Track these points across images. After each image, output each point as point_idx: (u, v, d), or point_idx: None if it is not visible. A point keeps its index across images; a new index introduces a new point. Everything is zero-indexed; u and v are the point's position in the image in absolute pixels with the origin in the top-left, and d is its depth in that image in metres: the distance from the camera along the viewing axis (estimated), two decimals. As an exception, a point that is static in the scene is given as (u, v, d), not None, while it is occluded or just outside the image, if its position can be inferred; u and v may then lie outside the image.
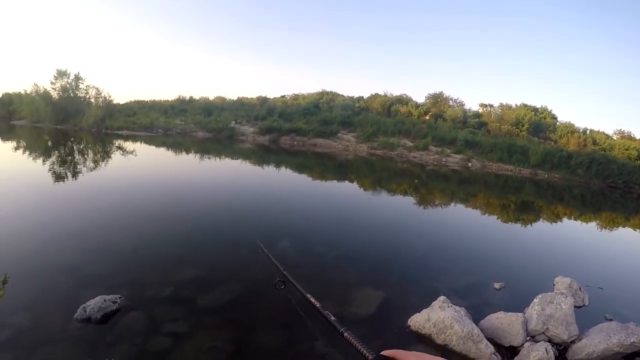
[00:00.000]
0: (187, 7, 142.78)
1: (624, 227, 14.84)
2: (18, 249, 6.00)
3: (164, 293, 4.85)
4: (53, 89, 36.95)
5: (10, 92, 47.87)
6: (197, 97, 56.44)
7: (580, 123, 62.20)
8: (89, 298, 4.35)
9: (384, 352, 0.72)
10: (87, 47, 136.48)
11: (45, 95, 36.64)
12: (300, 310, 4.53)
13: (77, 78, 37.66)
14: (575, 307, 4.92)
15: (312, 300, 1.47)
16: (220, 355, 3.82)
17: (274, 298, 4.91)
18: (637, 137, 40.68)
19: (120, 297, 4.50)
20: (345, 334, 1.11)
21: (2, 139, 25.89)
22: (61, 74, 36.95)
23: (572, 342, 4.43)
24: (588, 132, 40.59)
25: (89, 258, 5.82)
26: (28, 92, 38.85)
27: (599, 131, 41.19)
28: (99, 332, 4.00)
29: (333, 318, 1.25)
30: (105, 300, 4.31)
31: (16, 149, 19.81)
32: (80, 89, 37.98)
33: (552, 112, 43.57)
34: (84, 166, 14.69)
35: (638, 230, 14.61)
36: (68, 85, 37.16)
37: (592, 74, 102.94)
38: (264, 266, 5.42)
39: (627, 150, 34.48)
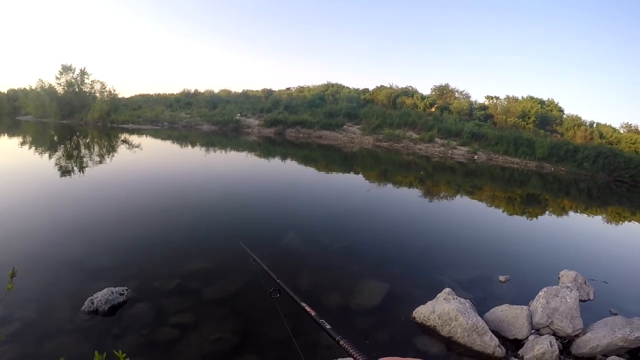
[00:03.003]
0: (191, 0, 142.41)
1: (630, 221, 14.76)
2: (26, 242, 6.06)
3: (170, 285, 4.89)
4: (58, 84, 37.00)
5: (16, 88, 48.32)
6: (202, 90, 56.40)
7: (587, 116, 61.63)
8: (96, 290, 4.40)
9: None
10: (92, 41, 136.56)
11: (51, 91, 36.73)
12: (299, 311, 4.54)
13: (83, 73, 37.62)
14: (580, 300, 4.91)
15: (307, 309, 1.47)
16: (225, 346, 3.86)
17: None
18: (644, 131, 40.44)
19: (127, 289, 4.54)
20: (342, 342, 1.12)
21: (8, 134, 26.06)
22: (66, 69, 36.93)
23: (577, 335, 4.43)
24: (595, 125, 40.27)
25: (96, 251, 5.88)
26: (33, 87, 38.82)
27: (605, 124, 40.83)
28: (106, 323, 4.04)
29: (328, 326, 1.26)
30: (112, 292, 4.35)
31: (22, 144, 19.93)
32: (86, 83, 38.00)
33: (559, 104, 43.16)
34: (90, 160, 14.76)
35: (644, 224, 14.54)
36: (73, 80, 37.14)
37: (599, 67, 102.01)
38: (266, 261, 5.45)
39: (634, 144, 34.20)
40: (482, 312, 4.78)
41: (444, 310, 4.42)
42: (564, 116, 41.35)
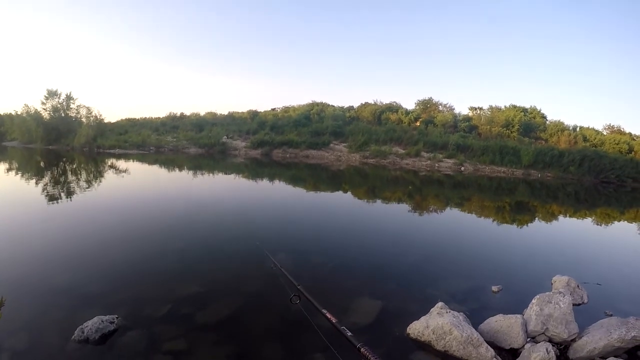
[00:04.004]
0: (173, 26, 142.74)
1: (619, 221, 14.93)
2: (14, 271, 5.97)
3: (162, 311, 4.82)
4: (44, 109, 37.15)
5: (1, 113, 47.88)
6: (188, 113, 56.70)
7: (569, 120, 62.79)
8: (86, 319, 4.32)
9: None
10: (77, 66, 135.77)
11: (36, 116, 36.75)
12: (312, 324, 4.50)
13: (68, 98, 37.81)
14: (574, 305, 4.92)
15: (329, 315, 1.46)
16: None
17: (277, 311, 4.91)
18: (627, 131, 41.19)
19: (117, 317, 4.47)
20: (362, 349, 1.11)
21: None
22: (52, 94, 37.05)
23: (573, 340, 4.43)
24: (578, 129, 40.94)
25: (86, 278, 5.79)
26: (19, 112, 38.85)
27: (588, 127, 41.61)
28: (97, 353, 3.97)
29: (350, 334, 1.25)
30: (102, 321, 4.28)
31: (9, 170, 19.76)
32: (72, 108, 38.13)
33: (542, 111, 43.94)
34: (77, 186, 14.62)
35: (633, 223, 14.68)
36: (59, 105, 37.33)
37: (579, 70, 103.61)
38: (265, 278, 5.43)
39: (617, 144, 34.80)
40: (477, 323, 4.75)
41: (438, 325, 4.40)
42: (547, 122, 42.09)
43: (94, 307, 4.72)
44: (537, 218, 14.39)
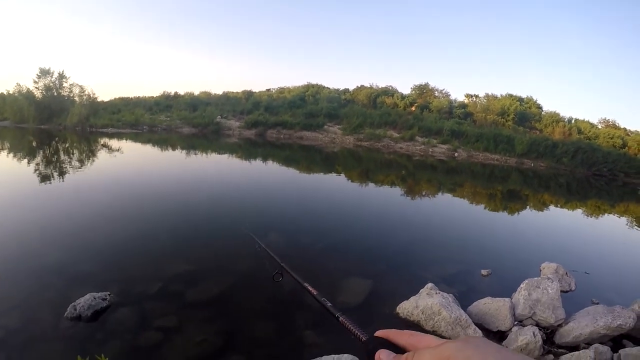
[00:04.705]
0: (168, 3, 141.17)
1: (609, 213, 15.06)
2: (6, 249, 5.95)
3: (153, 288, 4.84)
4: (36, 88, 36.25)
5: (-7, 93, 47.17)
6: (182, 92, 56.02)
7: (565, 112, 62.80)
8: (78, 296, 4.33)
9: (377, 333, 0.73)
10: (71, 44, 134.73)
11: (29, 95, 35.88)
12: (295, 300, 4.55)
13: (61, 76, 36.98)
14: (562, 291, 4.99)
15: (310, 288, 1.48)
16: (210, 348, 3.83)
17: (264, 289, 4.94)
18: (622, 126, 41.31)
19: (109, 294, 4.48)
20: (341, 319, 1.13)
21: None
22: (44, 72, 36.29)
23: (559, 325, 4.50)
24: (573, 121, 41.03)
25: (78, 256, 5.79)
26: (11, 92, 37.94)
27: (584, 120, 41.71)
28: (89, 329, 3.99)
29: (329, 304, 1.27)
30: (94, 298, 4.30)
31: (0, 150, 19.58)
32: (64, 87, 37.31)
33: (538, 101, 43.99)
34: (69, 166, 14.55)
35: (623, 216, 14.81)
36: (51, 84, 36.50)
37: (578, 63, 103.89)
38: (253, 258, 5.45)
39: (611, 138, 34.94)
40: (465, 305, 4.82)
41: (427, 305, 4.46)
42: (543, 113, 42.10)
43: (86, 285, 4.72)
44: (528, 206, 14.49)
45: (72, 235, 6.76)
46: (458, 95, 80.00)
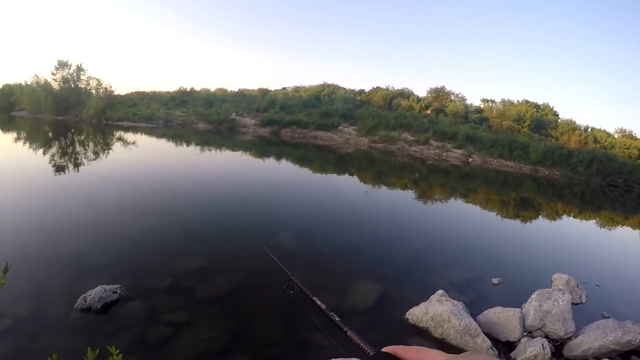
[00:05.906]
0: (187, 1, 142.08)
1: (623, 226, 14.86)
2: (20, 238, 6.03)
3: (164, 284, 4.87)
4: (54, 79, 36.70)
5: (11, 83, 47.46)
6: (198, 88, 55.97)
7: (581, 121, 62.15)
8: (89, 288, 4.38)
9: (384, 349, 0.73)
10: (89, 37, 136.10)
11: (46, 86, 36.38)
12: (304, 310, 4.56)
13: (79, 69, 37.34)
14: (572, 304, 4.94)
15: (319, 302, 1.50)
16: (219, 345, 3.86)
17: (275, 293, 4.95)
18: (639, 137, 40.65)
19: (120, 287, 4.53)
20: (349, 333, 1.14)
21: (2, 130, 25.89)
22: (62, 64, 36.70)
23: (569, 338, 4.46)
24: (589, 129, 40.46)
25: (90, 248, 5.85)
26: (29, 83, 38.59)
27: (600, 129, 41.04)
28: (99, 321, 4.03)
29: (337, 318, 1.29)
30: (105, 290, 4.34)
31: (17, 140, 19.84)
32: (82, 79, 37.69)
33: (554, 109, 43.37)
34: (85, 157, 14.72)
35: (637, 229, 14.62)
36: (69, 76, 36.90)
37: (596, 72, 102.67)
38: (263, 262, 5.46)
39: (628, 149, 34.40)
40: (475, 314, 4.79)
41: (437, 312, 4.44)
42: (559, 120, 41.57)
43: (97, 277, 4.77)
44: (541, 215, 14.35)
45: (85, 226, 6.84)
46: (474, 99, 79.61)
